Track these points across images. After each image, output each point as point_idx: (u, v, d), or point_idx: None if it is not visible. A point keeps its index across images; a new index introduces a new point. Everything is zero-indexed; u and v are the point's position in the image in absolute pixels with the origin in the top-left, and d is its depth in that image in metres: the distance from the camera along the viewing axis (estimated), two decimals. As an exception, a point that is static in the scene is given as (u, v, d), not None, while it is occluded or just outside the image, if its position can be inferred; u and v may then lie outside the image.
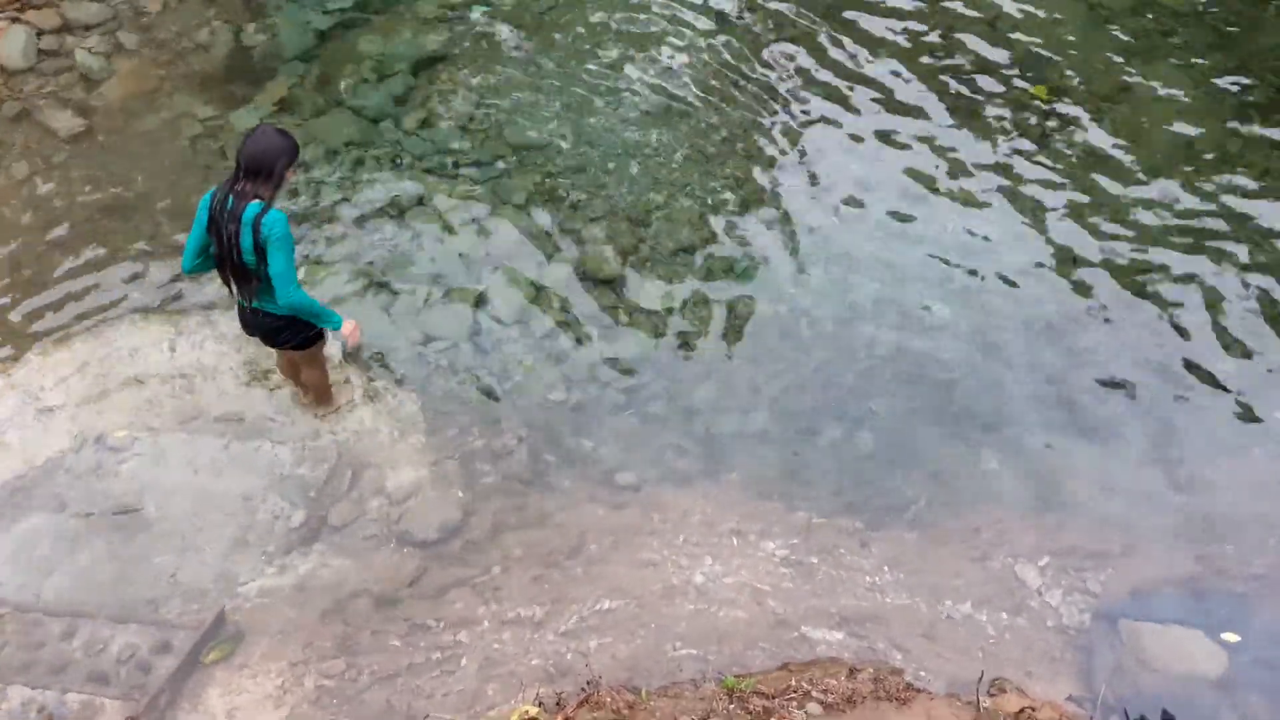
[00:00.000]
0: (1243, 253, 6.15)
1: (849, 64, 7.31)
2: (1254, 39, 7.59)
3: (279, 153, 4.08)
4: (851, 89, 7.12)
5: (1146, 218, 6.36)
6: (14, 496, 4.61)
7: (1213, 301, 5.90)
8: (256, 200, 4.07)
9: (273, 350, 4.86)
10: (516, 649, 4.28)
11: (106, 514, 4.56)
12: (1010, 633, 4.49)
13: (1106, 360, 5.61)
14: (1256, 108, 7.07)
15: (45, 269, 5.70)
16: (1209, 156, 6.75)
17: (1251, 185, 6.55)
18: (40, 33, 6.86)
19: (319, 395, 5.03)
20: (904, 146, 6.74)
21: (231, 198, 4.08)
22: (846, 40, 7.48)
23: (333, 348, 5.18)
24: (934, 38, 7.52)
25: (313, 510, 4.68)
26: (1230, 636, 4.46)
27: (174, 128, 6.55)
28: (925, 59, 7.36)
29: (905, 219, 6.29)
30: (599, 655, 4.25)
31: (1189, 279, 6.03)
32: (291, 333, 4.47)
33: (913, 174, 6.56)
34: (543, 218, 6.17)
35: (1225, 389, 5.49)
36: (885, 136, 6.81)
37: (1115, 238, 6.24)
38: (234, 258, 4.14)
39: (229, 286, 4.37)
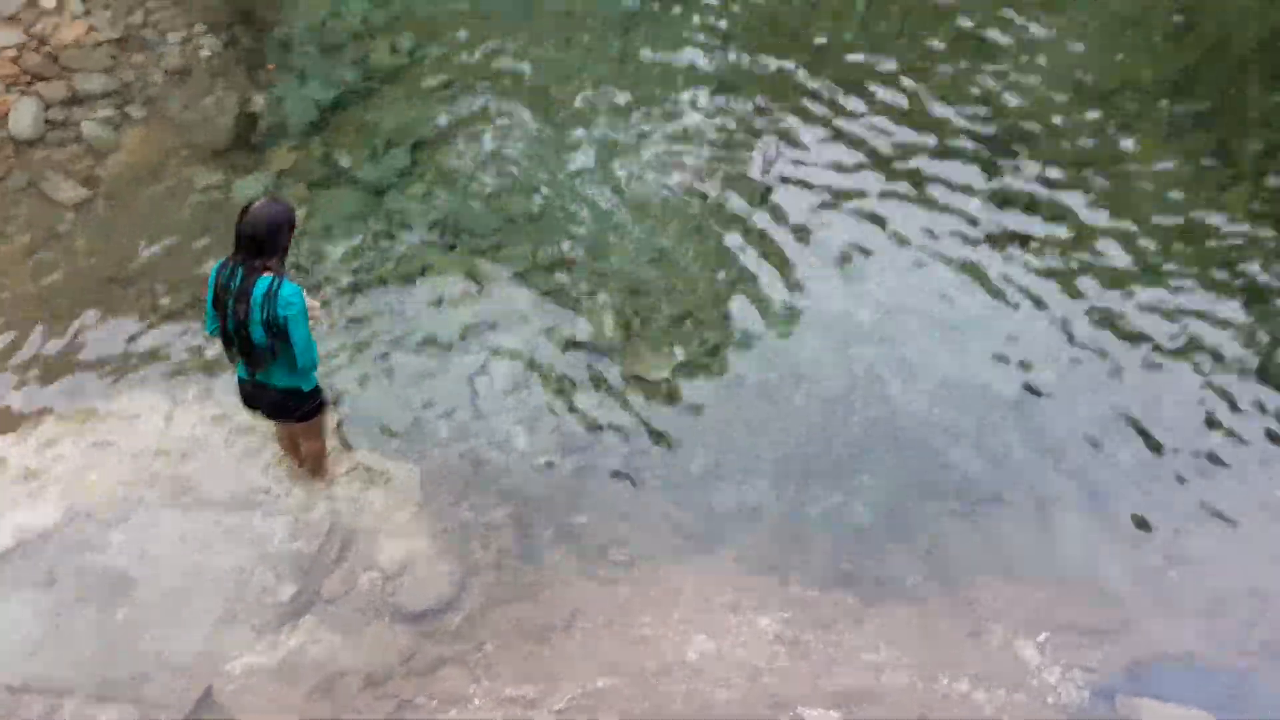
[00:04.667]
0: (1237, 321, 6.20)
1: (840, 134, 7.43)
2: (1238, 114, 7.74)
3: (278, 223, 4.08)
4: (845, 160, 7.23)
5: (1137, 287, 6.42)
6: (2, 570, 4.58)
7: (1207, 371, 5.94)
8: (266, 274, 4.08)
9: (271, 422, 4.87)
10: (508, 729, 4.23)
11: (94, 589, 4.52)
12: (1008, 711, 4.44)
13: (1099, 431, 5.63)
14: (1241, 178, 7.18)
15: (45, 339, 5.74)
16: (1197, 225, 6.84)
17: (1245, 254, 6.63)
18: (49, 105, 7.00)
19: (316, 467, 5.03)
20: (897, 218, 6.82)
21: (240, 273, 4.08)
22: (836, 111, 7.62)
23: (329, 418, 5.20)
24: (922, 111, 7.67)
25: (304, 584, 4.65)
26: None
27: (178, 197, 6.65)
28: (916, 131, 7.50)
29: (898, 289, 6.35)
30: (592, 735, 4.20)
31: (1183, 349, 6.07)
32: (295, 404, 4.48)
33: (904, 244, 6.64)
34: (540, 287, 6.24)
35: (1220, 461, 5.49)
36: (878, 208, 6.89)
37: (1108, 307, 6.29)
38: (242, 335, 4.15)
39: (233, 360, 4.38)
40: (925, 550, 5.09)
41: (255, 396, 4.48)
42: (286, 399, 4.43)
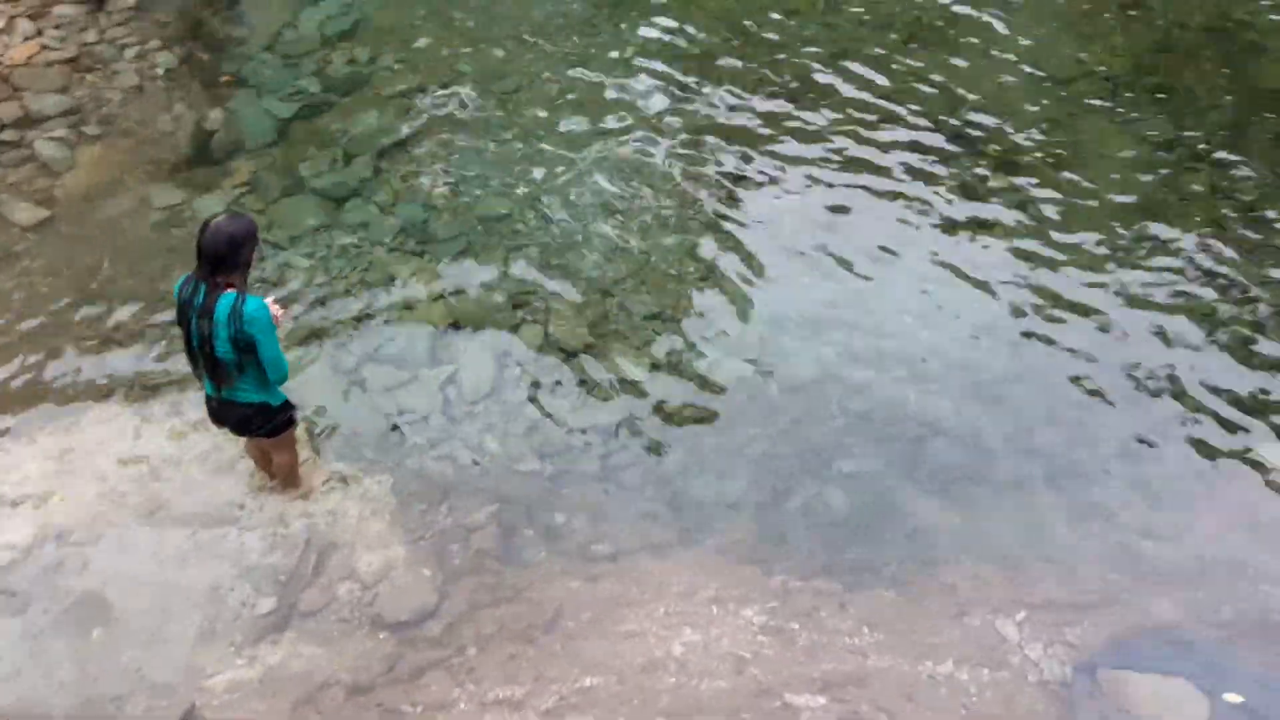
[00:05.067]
0: (1204, 300, 6.32)
1: (805, 131, 7.50)
2: (1190, 99, 7.90)
3: (239, 239, 4.02)
4: (808, 155, 7.30)
5: (1101, 270, 6.52)
6: (-27, 596, 4.49)
7: (1178, 349, 6.04)
8: (229, 291, 4.04)
9: (237, 440, 4.81)
10: (495, 732, 4.19)
11: (70, 611, 4.43)
12: (992, 690, 4.47)
13: (1072, 410, 5.70)
14: (1198, 161, 7.32)
15: (6, 361, 5.63)
16: (1160, 208, 6.97)
17: (1203, 234, 6.75)
18: (2, 125, 6.89)
19: (288, 480, 4.97)
20: (862, 209, 6.90)
21: (203, 289, 4.03)
22: (802, 108, 7.69)
23: (299, 430, 5.14)
24: (885, 104, 7.75)
25: (282, 597, 4.59)
26: (1232, 697, 4.43)
27: (137, 215, 6.56)
28: (878, 124, 7.58)
29: (867, 279, 6.41)
30: (580, 734, 4.18)
31: (1153, 329, 6.16)
32: (262, 419, 4.43)
33: (871, 236, 6.70)
34: (509, 290, 6.22)
35: (1192, 435, 5.58)
36: (843, 200, 6.97)
37: (1073, 290, 6.38)
38: (206, 351, 4.10)
39: (199, 378, 4.33)
40: (905, 535, 5.12)
41: (222, 413, 4.42)
42: (254, 415, 4.39)
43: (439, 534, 4.95)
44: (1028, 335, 6.11)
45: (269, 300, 4.24)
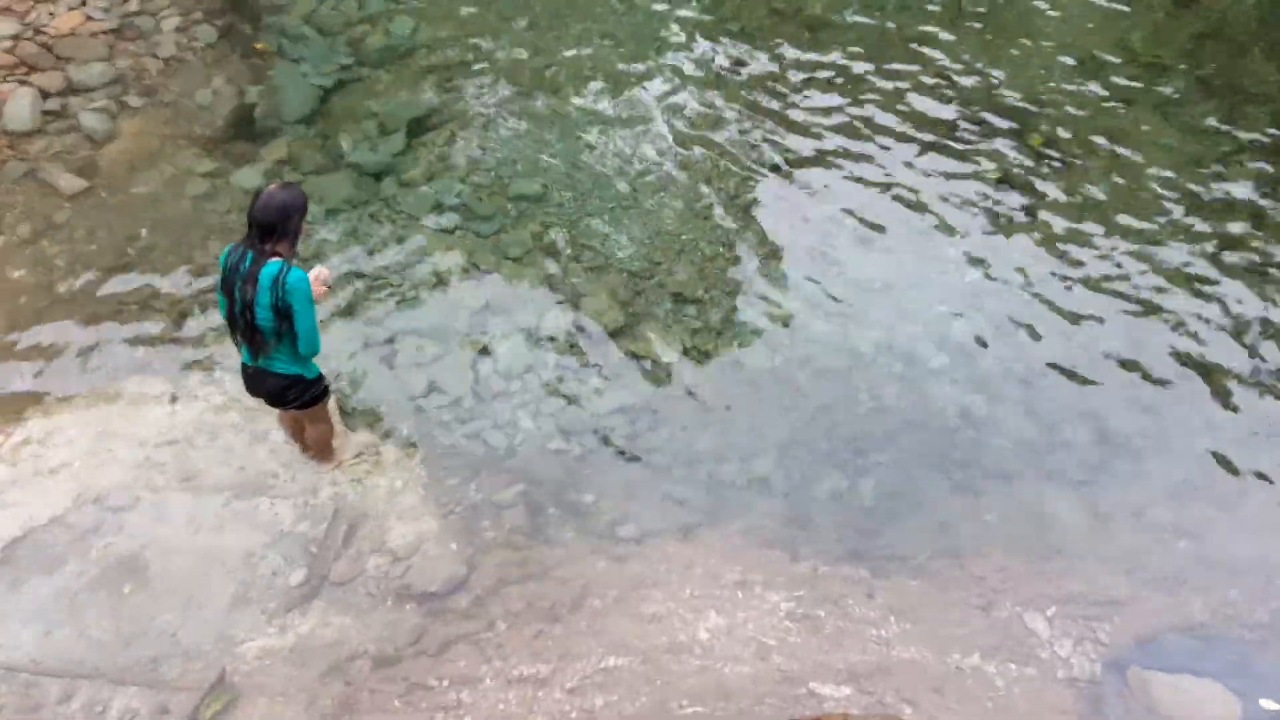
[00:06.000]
0: (1244, 296, 6.20)
1: (840, 117, 7.42)
2: (1235, 88, 7.73)
3: (290, 209, 4.11)
4: (844, 141, 7.23)
5: (1141, 264, 6.42)
6: (14, 556, 4.57)
7: (1211, 347, 5.94)
8: (275, 259, 4.10)
9: (272, 410, 4.86)
10: (520, 708, 4.22)
11: (106, 573, 4.52)
12: (1019, 685, 4.44)
13: (1104, 406, 5.63)
14: (1243, 152, 7.17)
15: (47, 328, 5.71)
16: (1204, 200, 6.84)
17: (1247, 228, 6.62)
18: (45, 95, 6.96)
19: (322, 451, 5.02)
20: (898, 197, 6.82)
21: (250, 256, 4.10)
22: (839, 92, 7.60)
23: (331, 403, 5.18)
24: (924, 88, 7.65)
25: (314, 568, 4.65)
26: (1270, 704, 4.38)
27: (176, 186, 6.62)
28: (917, 110, 7.48)
29: (902, 267, 6.35)
30: (605, 713, 4.20)
31: (1187, 325, 6.07)
32: (297, 391, 4.48)
33: (907, 223, 6.63)
34: (542, 270, 6.22)
35: (1227, 433, 5.50)
36: (879, 187, 6.89)
37: (1111, 284, 6.29)
38: (247, 318, 4.15)
39: (238, 345, 4.38)
40: (934, 525, 5.08)
41: (257, 382, 4.47)
42: (288, 386, 4.44)
43: (469, 510, 4.98)
44: (1063, 327, 6.03)
45: (321, 269, 4.32)
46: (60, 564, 4.55)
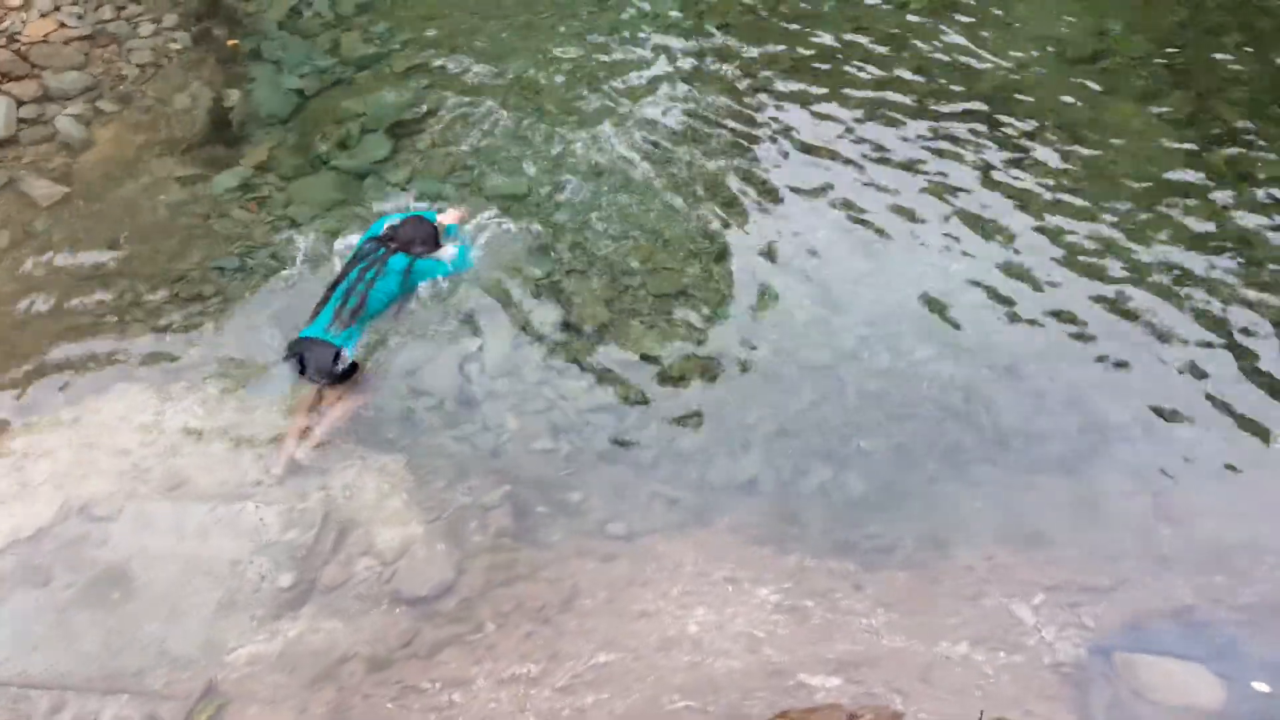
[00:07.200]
0: (1225, 280, 6.24)
1: (822, 109, 7.43)
2: (1209, 77, 7.79)
3: (428, 237, 5.76)
4: (825, 133, 7.24)
5: (1122, 250, 6.46)
6: (0, 569, 4.56)
7: (1193, 331, 5.98)
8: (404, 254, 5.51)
9: (257, 416, 4.87)
10: (512, 708, 4.23)
11: (93, 583, 4.49)
12: (1007, 671, 4.47)
13: (1088, 394, 5.66)
14: (1218, 140, 7.22)
15: (27, 338, 5.68)
16: (1180, 187, 6.89)
17: (1223, 213, 6.67)
18: (20, 103, 6.90)
19: (344, 416, 5.30)
20: (879, 189, 6.84)
21: (383, 250, 5.53)
22: (817, 84, 7.61)
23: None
24: (904, 80, 7.67)
25: (301, 573, 4.64)
26: (1261, 686, 4.42)
27: (155, 193, 6.58)
28: (895, 101, 7.51)
29: (884, 259, 6.37)
30: (596, 711, 4.20)
31: (1173, 310, 6.10)
32: (342, 360, 5.20)
33: (889, 214, 6.65)
34: (526, 269, 6.21)
35: (1212, 417, 5.54)
36: (860, 180, 6.91)
37: (1092, 272, 6.32)
38: (360, 290, 5.32)
39: (318, 310, 5.26)
40: (920, 516, 5.11)
41: (312, 351, 5.13)
42: (337, 356, 5.16)
43: (457, 511, 4.98)
44: (1046, 316, 6.06)
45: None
46: (47, 576, 4.53)
